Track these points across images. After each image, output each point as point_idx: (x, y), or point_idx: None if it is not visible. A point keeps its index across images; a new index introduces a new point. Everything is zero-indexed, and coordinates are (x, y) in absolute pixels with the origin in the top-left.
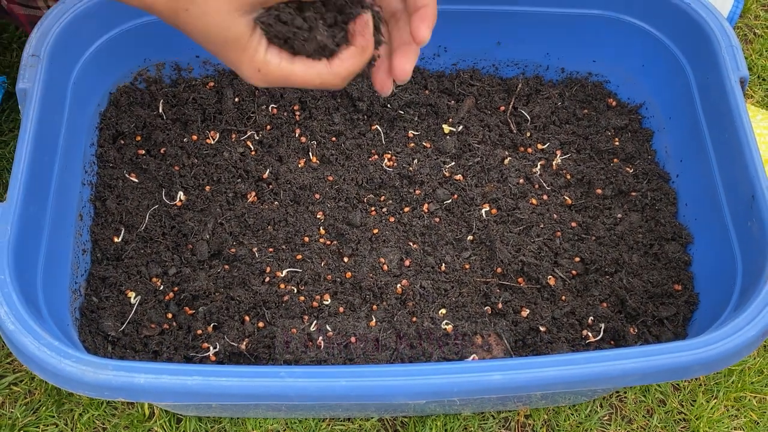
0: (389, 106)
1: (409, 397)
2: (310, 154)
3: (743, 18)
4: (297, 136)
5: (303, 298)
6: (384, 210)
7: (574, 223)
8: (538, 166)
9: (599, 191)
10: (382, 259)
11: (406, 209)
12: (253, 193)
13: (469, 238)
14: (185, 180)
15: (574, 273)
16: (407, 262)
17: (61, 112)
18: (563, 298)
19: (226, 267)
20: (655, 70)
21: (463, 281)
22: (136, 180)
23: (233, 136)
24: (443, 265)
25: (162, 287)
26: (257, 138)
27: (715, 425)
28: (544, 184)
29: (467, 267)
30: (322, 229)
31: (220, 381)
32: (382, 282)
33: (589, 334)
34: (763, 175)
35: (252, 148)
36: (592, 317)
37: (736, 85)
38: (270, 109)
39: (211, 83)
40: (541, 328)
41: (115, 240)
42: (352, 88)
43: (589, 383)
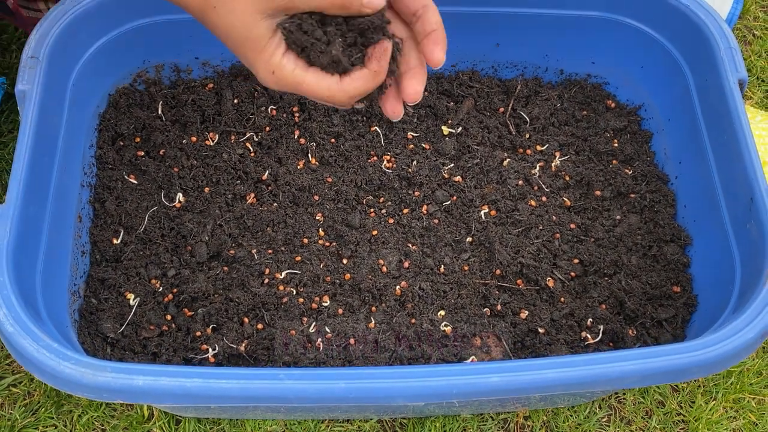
0: None
1: (408, 399)
2: (309, 155)
3: (742, 19)
4: (296, 137)
5: (302, 299)
6: (383, 211)
7: (573, 225)
8: (537, 168)
9: (598, 193)
10: (381, 261)
11: (405, 211)
12: (252, 195)
13: (468, 240)
14: (184, 181)
15: (573, 274)
16: (406, 264)
17: (60, 114)
18: (562, 299)
19: (225, 268)
20: (654, 71)
21: (462, 283)
22: (135, 181)
23: (232, 138)
24: (442, 266)
25: (161, 289)
26: (256, 139)
27: (713, 427)
28: (543, 185)
29: (466, 268)
30: (321, 230)
31: (219, 383)
32: (381, 283)
33: (588, 336)
34: (762, 178)
35: (251, 149)
36: (590, 319)
37: (735, 87)
38: (269, 110)
39: (211, 85)
40: (540, 330)
41: (114, 242)
42: None
43: (587, 385)
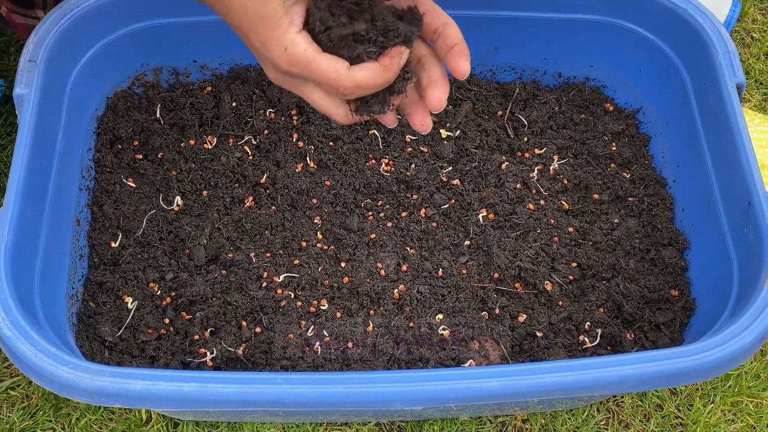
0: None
1: (405, 404)
2: (308, 158)
3: (740, 22)
4: (294, 140)
5: (300, 303)
6: (381, 215)
7: (571, 228)
8: (535, 171)
9: (596, 196)
10: (380, 264)
11: (404, 214)
12: (251, 198)
13: (466, 243)
14: (182, 185)
15: (571, 278)
16: (404, 267)
17: (59, 117)
18: (560, 303)
19: (223, 272)
20: (652, 75)
21: (460, 286)
22: (134, 185)
23: (231, 141)
24: (440, 270)
25: (159, 292)
26: (255, 143)
27: (711, 430)
28: (541, 189)
29: (464, 272)
30: (319, 234)
31: (216, 387)
32: (379, 287)
33: (586, 340)
34: (760, 182)
35: (249, 152)
36: (588, 323)
37: (733, 91)
38: (267, 113)
39: (209, 88)
40: (538, 334)
41: (113, 245)
42: None
43: (586, 390)
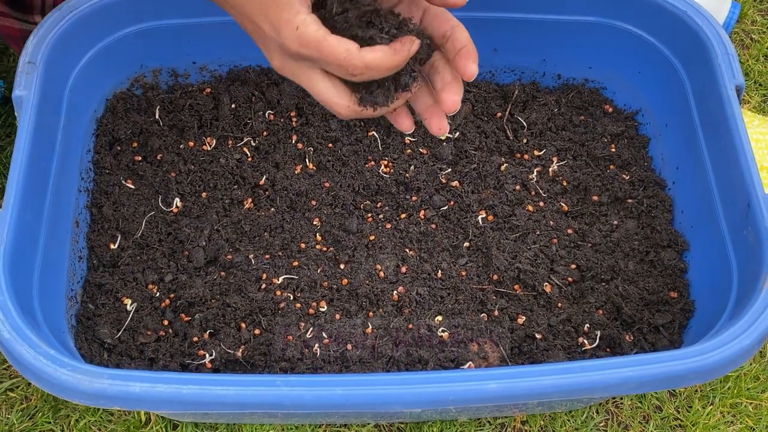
0: None
1: (405, 406)
2: (307, 160)
3: (740, 23)
4: (294, 142)
5: (299, 304)
6: (380, 216)
7: (570, 230)
8: (535, 173)
9: (595, 198)
10: (379, 266)
11: (403, 216)
12: (250, 200)
13: (466, 245)
14: (182, 186)
15: (570, 280)
16: (403, 269)
17: (58, 119)
18: (559, 305)
19: (223, 274)
20: (652, 77)
21: (459, 288)
22: (133, 186)
23: (230, 143)
24: (439, 271)
25: (158, 294)
26: (254, 144)
27: (711, 431)
28: (541, 190)
29: (463, 274)
30: (318, 235)
31: (215, 390)
32: (379, 289)
33: (585, 342)
34: (759, 184)
35: (248, 154)
36: (588, 324)
37: (732, 93)
38: (267, 115)
39: (208, 89)
40: (537, 336)
41: (112, 247)
42: None
43: (585, 392)
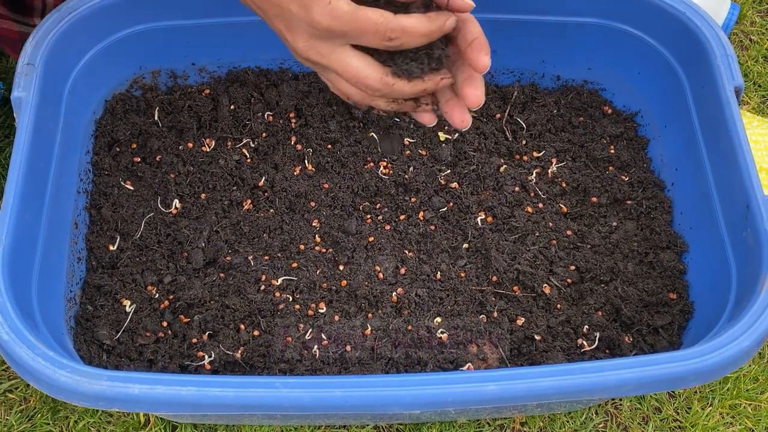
0: (385, 113)
1: (404, 408)
2: (306, 161)
3: (739, 24)
4: (293, 143)
5: (298, 306)
6: (379, 218)
7: (569, 232)
8: (534, 174)
9: (594, 199)
10: (378, 267)
11: (402, 217)
12: (249, 201)
13: (465, 246)
14: (181, 188)
15: (569, 281)
16: (403, 270)
17: (57, 120)
18: (558, 306)
19: (222, 275)
20: (651, 78)
21: (458, 289)
22: (132, 188)
23: (229, 144)
24: (438, 273)
25: (157, 295)
26: (253, 145)
27: None
28: (540, 192)
29: (462, 275)
30: (317, 236)
31: (214, 391)
32: (378, 290)
33: (584, 343)
34: (758, 186)
35: (247, 155)
36: (587, 326)
37: (731, 94)
38: (266, 116)
39: (207, 91)
40: (537, 337)
41: (111, 248)
42: None
43: (584, 393)
